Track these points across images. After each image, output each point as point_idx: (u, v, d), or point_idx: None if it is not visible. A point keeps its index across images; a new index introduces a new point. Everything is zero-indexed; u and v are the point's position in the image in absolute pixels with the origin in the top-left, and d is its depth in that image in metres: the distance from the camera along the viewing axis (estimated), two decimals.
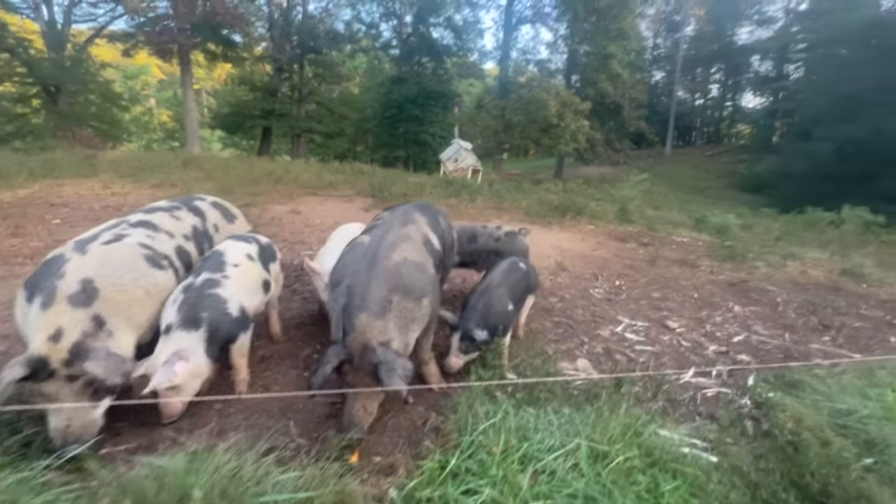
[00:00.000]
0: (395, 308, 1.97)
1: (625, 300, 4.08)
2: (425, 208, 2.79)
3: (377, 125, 29.98)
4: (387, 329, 1.91)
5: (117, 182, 7.89)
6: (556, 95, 16.85)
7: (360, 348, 1.83)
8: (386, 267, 2.03)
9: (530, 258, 4.96)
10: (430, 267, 2.28)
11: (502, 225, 3.86)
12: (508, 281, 2.67)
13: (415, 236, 2.35)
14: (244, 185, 8.26)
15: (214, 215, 2.59)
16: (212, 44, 19.17)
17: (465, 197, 9.12)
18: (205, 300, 2.04)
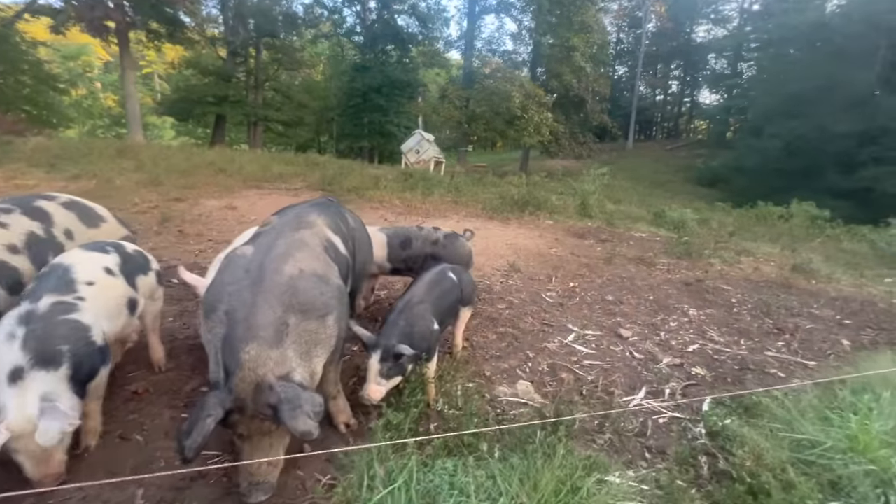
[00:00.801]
0: (294, 332, 1.58)
1: (578, 304, 3.82)
2: (325, 206, 2.35)
3: (341, 114, 28.97)
4: (285, 359, 1.53)
5: (27, 173, 6.99)
6: (521, 87, 16.62)
7: (251, 390, 1.44)
8: (277, 282, 1.63)
9: (479, 260, 4.67)
10: (334, 277, 1.89)
11: (441, 227, 3.44)
12: (433, 295, 2.29)
13: (312, 242, 1.93)
14: (179, 176, 7.52)
15: (66, 219, 2.07)
16: (154, 22, 17.73)
17: (422, 190, 8.70)
18: (59, 329, 1.59)
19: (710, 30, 35.40)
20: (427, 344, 2.09)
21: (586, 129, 22.78)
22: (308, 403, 1.44)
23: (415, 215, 6.77)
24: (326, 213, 2.22)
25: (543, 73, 22.12)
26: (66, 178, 6.76)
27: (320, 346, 1.69)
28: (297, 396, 1.44)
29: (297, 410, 1.40)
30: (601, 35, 21.61)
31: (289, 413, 1.39)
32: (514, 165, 23.67)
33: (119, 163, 8.41)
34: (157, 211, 5.39)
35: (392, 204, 7.36)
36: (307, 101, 27.53)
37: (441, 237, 3.28)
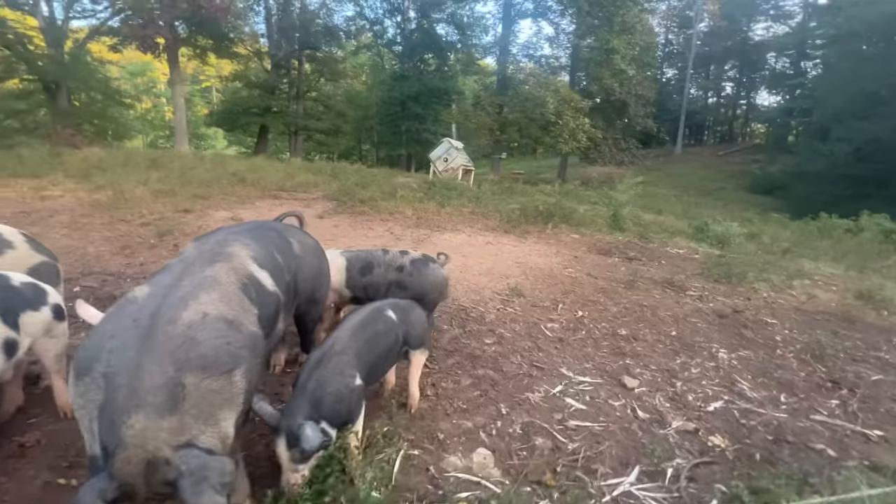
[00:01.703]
0: (193, 394, 1.31)
1: (581, 340, 3.29)
2: (257, 233, 2.03)
3: (379, 123, 29.50)
4: (183, 426, 1.27)
5: (60, 184, 7.29)
6: (556, 92, 15.95)
7: (141, 470, 1.19)
8: (170, 334, 1.34)
9: (480, 281, 4.23)
10: (248, 323, 1.58)
11: (411, 250, 3.02)
12: (360, 340, 1.89)
13: (225, 279, 1.62)
14: (197, 187, 7.60)
15: None
16: (200, 38, 18.65)
17: (439, 201, 8.34)
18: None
19: (769, 27, 32.92)
20: (345, 407, 1.70)
21: (629, 134, 21.65)
22: (215, 473, 1.22)
23: (424, 228, 6.42)
24: (257, 242, 1.91)
25: (583, 77, 21.28)
26: (90, 188, 6.96)
27: (227, 407, 1.40)
28: (201, 467, 1.22)
29: (201, 484, 1.19)
30: (646, 36, 20.48)
31: (191, 489, 1.17)
32: (552, 173, 22.90)
33: (149, 173, 8.66)
34: (161, 223, 5.36)
35: (404, 216, 7.05)
36: (346, 111, 28.16)
37: (407, 263, 2.86)
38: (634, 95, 19.77)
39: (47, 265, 2.16)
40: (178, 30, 17.54)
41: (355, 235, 5.81)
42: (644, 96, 20.45)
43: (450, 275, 2.97)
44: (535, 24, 21.00)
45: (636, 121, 20.68)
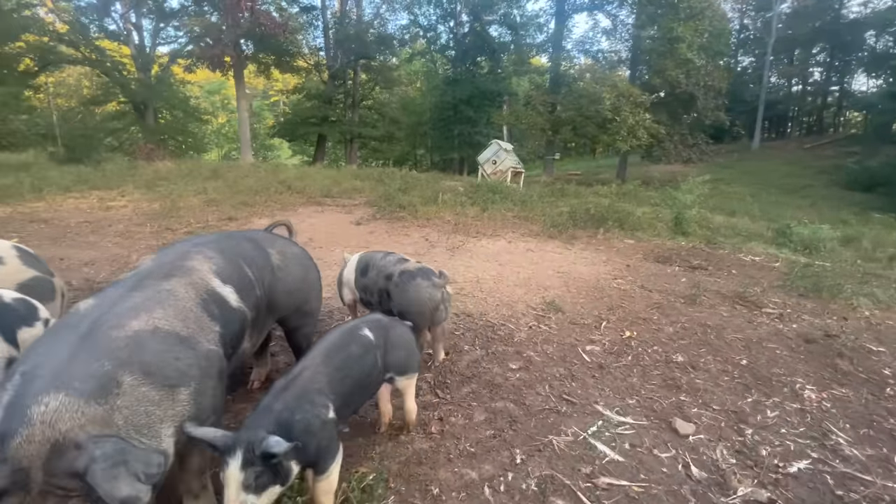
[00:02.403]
0: (129, 395, 1.18)
1: (626, 368, 2.80)
2: (228, 242, 1.89)
3: (433, 127, 29.77)
4: (109, 421, 1.12)
5: (127, 195, 7.83)
6: (613, 88, 14.96)
7: (42, 453, 0.99)
8: (112, 336, 1.25)
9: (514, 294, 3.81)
10: (203, 341, 1.45)
11: (408, 259, 2.71)
12: (332, 365, 1.61)
13: (182, 294, 1.50)
14: (246, 195, 7.85)
15: None
16: (262, 54, 19.76)
17: (481, 206, 7.98)
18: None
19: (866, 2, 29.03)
20: (315, 442, 1.42)
21: (698, 129, 19.91)
22: (137, 461, 1.05)
23: (461, 234, 6.10)
24: (221, 255, 1.75)
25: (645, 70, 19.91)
26: (150, 198, 7.41)
27: (168, 424, 1.25)
28: (120, 451, 1.04)
29: (118, 468, 1.00)
30: (716, 22, 18.72)
31: (104, 473, 0.98)
32: (611, 173, 21.65)
33: (207, 183, 9.12)
34: (203, 231, 5.50)
35: (443, 221, 6.78)
36: (400, 117, 28.69)
37: (396, 272, 2.53)
38: (703, 87, 18.13)
39: (40, 280, 2.11)
40: (243, 48, 18.70)
41: (390, 242, 5.62)
42: (715, 87, 18.71)
43: (447, 295, 2.59)
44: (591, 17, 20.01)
45: (705, 114, 18.95)
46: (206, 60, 18.16)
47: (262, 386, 2.41)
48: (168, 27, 21.82)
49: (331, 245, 5.34)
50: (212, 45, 17.22)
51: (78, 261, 4.33)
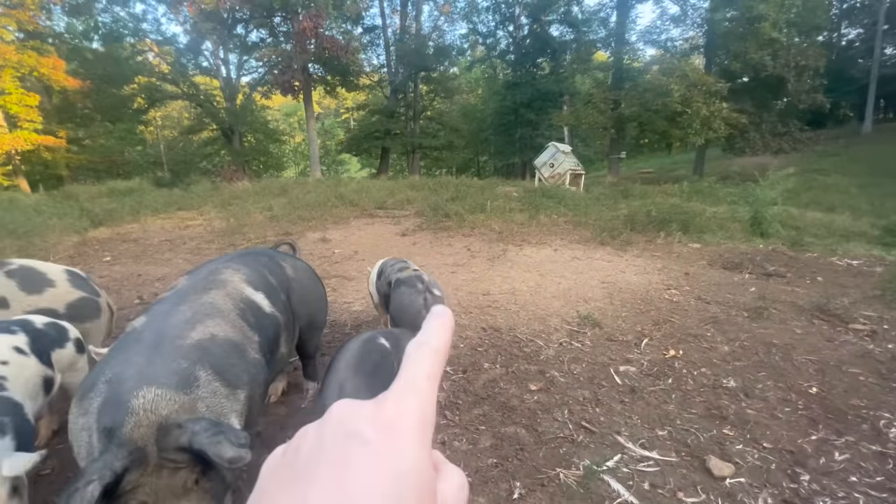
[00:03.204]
0: (206, 386, 1.31)
1: (663, 393, 2.50)
2: (249, 257, 2.03)
3: (493, 133, 29.75)
4: (195, 409, 1.25)
5: (206, 213, 8.69)
6: (682, 77, 13.78)
7: (152, 433, 1.15)
8: (180, 345, 1.37)
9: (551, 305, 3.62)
10: (250, 350, 1.57)
11: (411, 265, 2.86)
12: (363, 373, 1.61)
13: (223, 305, 1.61)
14: (304, 210, 8.33)
15: (4, 288, 2.11)
16: (329, 75, 21.04)
17: (530, 212, 7.72)
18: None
19: None
20: None
21: (790, 115, 17.69)
22: (231, 433, 1.14)
23: (505, 243, 5.93)
24: (248, 266, 1.90)
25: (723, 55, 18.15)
26: (223, 216, 8.13)
27: (234, 418, 1.37)
28: (215, 424, 1.15)
29: (219, 436, 1.12)
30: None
31: (209, 440, 1.11)
32: (688, 169, 19.97)
33: (274, 200, 9.83)
34: (262, 246, 5.91)
35: (489, 229, 6.65)
36: (460, 125, 29.00)
37: (394, 280, 2.67)
38: (794, 68, 16.08)
39: (86, 300, 2.36)
40: (311, 71, 20.08)
41: (431, 252, 5.63)
42: (809, 67, 16.52)
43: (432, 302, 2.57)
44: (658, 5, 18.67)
45: (799, 98, 16.78)
46: (278, 86, 19.75)
47: (277, 399, 2.49)
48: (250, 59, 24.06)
49: (374, 257, 5.44)
50: (283, 72, 18.70)
51: (152, 276, 4.84)
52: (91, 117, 21.42)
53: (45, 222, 7.28)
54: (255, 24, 20.06)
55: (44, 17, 18.06)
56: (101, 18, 21.66)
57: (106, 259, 5.66)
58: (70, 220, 7.60)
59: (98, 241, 6.57)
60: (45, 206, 8.97)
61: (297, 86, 19.69)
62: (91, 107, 20.89)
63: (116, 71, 20.00)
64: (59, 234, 6.77)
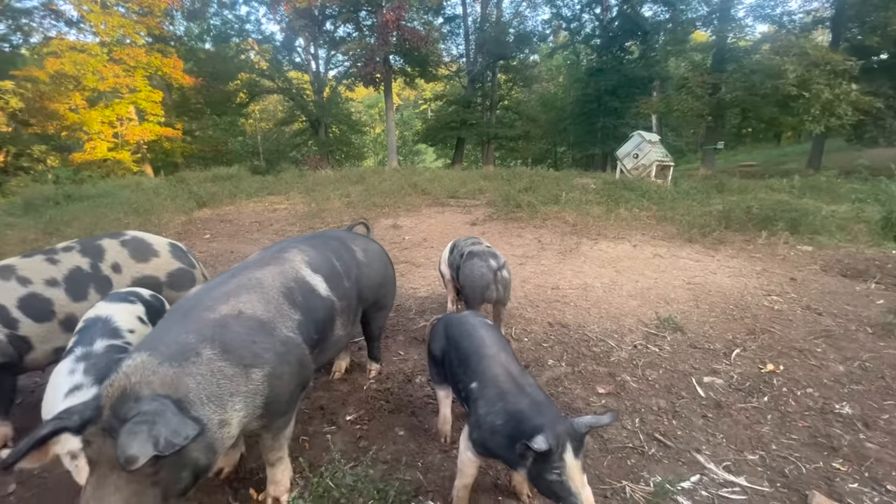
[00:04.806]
0: (205, 365, 1.33)
1: (756, 412, 2.18)
2: (319, 240, 2.10)
3: (572, 123, 28.44)
4: (178, 383, 1.26)
5: (292, 198, 9.32)
6: (802, 56, 11.98)
7: (115, 396, 1.19)
8: (203, 317, 1.44)
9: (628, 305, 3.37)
10: (282, 329, 1.58)
11: (485, 242, 2.98)
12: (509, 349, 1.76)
13: (270, 283, 1.67)
14: (379, 197, 8.59)
15: (118, 254, 2.38)
16: (409, 67, 21.46)
17: (608, 205, 7.24)
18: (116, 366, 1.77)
19: None
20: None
21: None
22: (166, 428, 1.11)
23: (579, 236, 5.62)
24: (315, 249, 1.97)
25: (856, 29, 15.52)
26: (306, 201, 8.66)
27: (239, 399, 1.39)
28: (156, 412, 1.14)
29: (141, 427, 1.09)
30: None
31: (129, 427, 1.09)
32: (801, 161, 17.52)
33: (353, 187, 10.29)
34: None
35: (562, 222, 6.35)
36: (538, 115, 28.16)
37: (466, 252, 2.84)
38: None
39: (184, 270, 2.60)
40: (391, 63, 20.63)
41: (500, 243, 5.50)
42: None
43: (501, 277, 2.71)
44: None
45: None
46: (361, 79, 20.56)
47: (341, 377, 2.57)
48: (337, 53, 25.30)
49: (442, 245, 5.44)
50: (365, 65, 19.42)
51: (242, 254, 5.29)
52: (202, 111, 24.01)
53: (161, 203, 8.29)
54: (343, 19, 20.97)
55: (167, 23, 20.48)
56: (213, 21, 24.09)
57: (206, 236, 6.30)
58: (180, 201, 8.58)
59: (201, 221, 7.34)
60: (163, 189, 10.22)
61: (378, 77, 20.36)
62: (202, 102, 23.40)
63: (223, 69, 22.15)
64: (172, 213, 7.67)
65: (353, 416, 2.21)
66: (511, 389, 1.51)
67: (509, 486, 1.75)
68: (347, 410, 2.26)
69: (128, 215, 7.19)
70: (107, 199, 8.83)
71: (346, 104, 30.47)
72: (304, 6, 19.01)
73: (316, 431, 2.10)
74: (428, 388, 2.44)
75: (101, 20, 16.95)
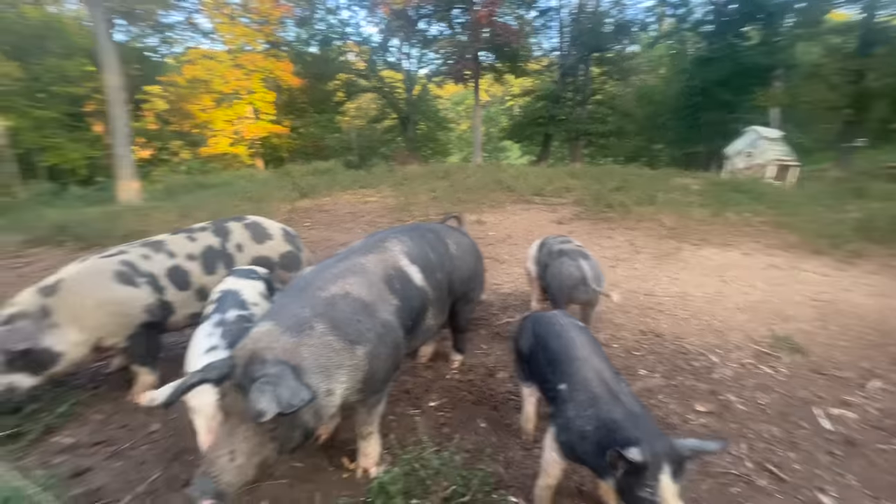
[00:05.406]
0: (318, 338, 1.47)
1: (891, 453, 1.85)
2: (417, 231, 2.18)
3: (673, 118, 26.15)
4: (296, 352, 1.41)
5: (382, 192, 9.81)
6: None
7: (245, 358, 1.37)
8: (317, 296, 1.60)
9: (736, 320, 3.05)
10: (382, 312, 1.70)
11: (574, 243, 2.89)
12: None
13: (373, 269, 1.80)
14: (464, 192, 8.69)
15: (241, 235, 2.68)
16: (498, 62, 21.33)
17: (714, 207, 6.55)
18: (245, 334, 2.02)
19: None
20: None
21: None
22: (287, 390, 1.27)
23: (678, 240, 5.17)
24: (412, 240, 2.07)
25: None
26: (395, 195, 9.03)
27: (343, 372, 1.53)
28: (280, 376, 1.30)
29: (266, 387, 1.26)
30: None
31: (258, 386, 1.26)
32: None
33: (438, 183, 10.53)
34: None
35: (658, 224, 5.89)
36: (633, 110, 26.41)
37: (556, 250, 2.78)
38: None
39: (293, 254, 2.87)
40: (481, 60, 20.65)
41: (588, 244, 5.23)
42: None
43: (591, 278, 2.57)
44: None
45: None
46: (451, 76, 20.89)
47: (426, 363, 2.66)
48: (428, 52, 25.98)
49: (526, 242, 5.33)
50: (456, 62, 19.67)
51: (337, 242, 5.70)
52: (305, 110, 26.13)
53: (269, 192, 9.21)
54: (437, 17, 21.42)
55: (280, 30, 22.58)
56: (318, 27, 26.04)
57: (306, 224, 6.88)
58: (285, 191, 9.46)
59: (302, 210, 8.02)
60: (271, 181, 11.36)
61: (467, 74, 20.53)
62: (306, 101, 25.46)
63: (325, 70, 23.89)
64: (278, 202, 8.49)
65: (436, 402, 2.28)
66: (604, 396, 1.44)
67: (594, 494, 1.69)
68: (431, 397, 2.33)
69: (243, 203, 8.10)
70: (227, 188, 10.04)
71: (435, 101, 31.20)
72: (401, 7, 19.75)
73: (402, 413, 2.20)
74: (510, 385, 2.43)
75: (228, 30, 19.23)
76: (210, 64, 18.87)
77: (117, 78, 10.41)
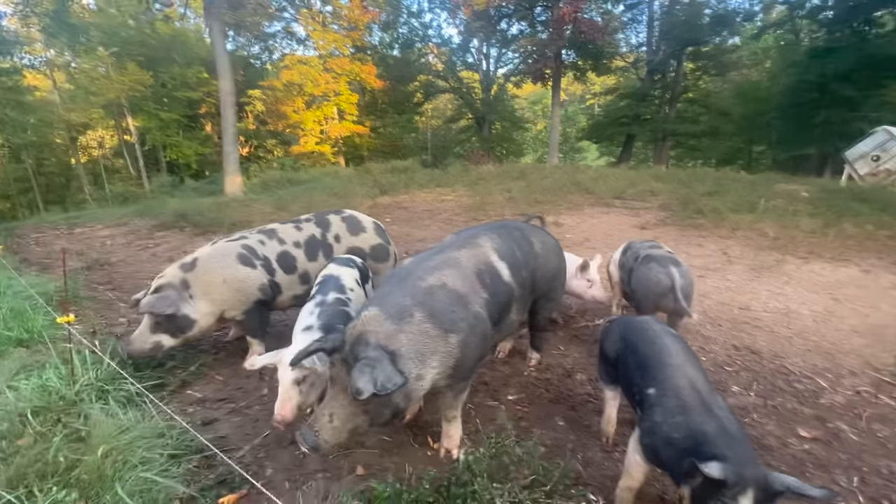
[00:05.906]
0: (416, 325, 1.61)
1: None
2: (504, 229, 2.25)
3: (779, 117, 23.43)
4: (396, 338, 1.55)
5: (457, 191, 10.00)
6: None
7: (354, 336, 1.55)
8: (417, 286, 1.74)
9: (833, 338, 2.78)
10: (474, 304, 1.81)
11: (662, 245, 2.83)
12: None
13: (466, 263, 1.92)
14: (541, 194, 8.58)
15: (339, 227, 2.93)
16: (580, 60, 20.64)
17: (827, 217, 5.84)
18: (339, 314, 2.17)
19: None
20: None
21: None
22: (383, 373, 1.42)
23: (779, 252, 4.70)
24: (501, 238, 2.16)
25: None
26: (470, 194, 9.17)
27: (436, 359, 1.65)
28: (378, 360, 1.46)
29: (366, 368, 1.42)
30: None
31: (358, 367, 1.43)
32: None
33: (514, 183, 10.49)
34: None
35: (757, 233, 5.39)
36: (730, 108, 24.13)
37: (643, 255, 2.65)
38: None
39: (383, 245, 3.08)
40: (563, 58, 20.11)
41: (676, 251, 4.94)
42: None
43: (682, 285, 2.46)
44: None
45: None
46: (530, 75, 20.60)
47: (504, 358, 2.73)
48: (508, 51, 25.85)
49: (605, 247, 5.20)
50: (536, 61, 19.36)
51: (415, 238, 5.95)
52: (385, 111, 27.27)
53: (353, 189, 9.81)
54: (518, 17, 21.23)
55: (366, 35, 23.79)
56: (401, 30, 27.01)
57: (387, 220, 7.23)
58: (367, 188, 10.01)
59: (382, 206, 8.45)
60: (354, 178, 12.06)
61: (547, 73, 20.12)
62: (387, 102, 26.57)
63: (406, 72, 24.74)
64: (361, 198, 9.01)
65: (514, 396, 2.35)
66: (695, 406, 1.41)
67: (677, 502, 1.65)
68: (509, 391, 2.40)
69: (330, 198, 8.72)
70: (315, 184, 10.85)
71: (511, 101, 30.91)
72: (482, 8, 19.84)
73: (480, 403, 2.29)
74: (588, 387, 2.42)
75: (321, 37, 20.65)
76: (303, 69, 20.40)
77: (229, 83, 11.66)
